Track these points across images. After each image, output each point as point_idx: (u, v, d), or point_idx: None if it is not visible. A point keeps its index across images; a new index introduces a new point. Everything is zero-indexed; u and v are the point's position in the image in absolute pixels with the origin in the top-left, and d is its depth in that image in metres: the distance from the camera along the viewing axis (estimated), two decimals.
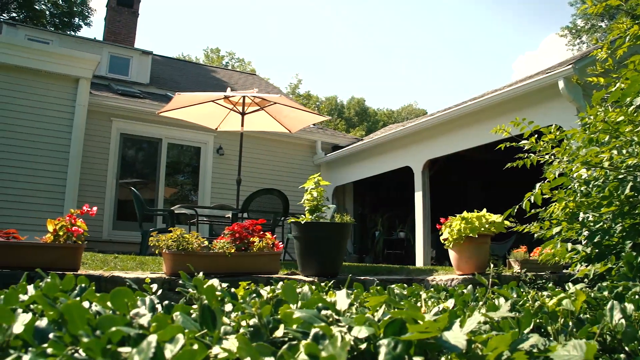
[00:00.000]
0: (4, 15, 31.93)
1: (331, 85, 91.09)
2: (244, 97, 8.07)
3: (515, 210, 3.36)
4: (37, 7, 33.04)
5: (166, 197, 12.40)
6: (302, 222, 4.68)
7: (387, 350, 0.97)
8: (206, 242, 4.53)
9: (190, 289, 1.49)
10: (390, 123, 45.34)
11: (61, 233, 4.24)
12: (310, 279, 4.50)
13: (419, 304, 1.59)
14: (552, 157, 3.22)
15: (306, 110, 8.91)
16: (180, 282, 4.08)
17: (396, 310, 1.25)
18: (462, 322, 1.22)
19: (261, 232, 4.70)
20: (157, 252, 4.48)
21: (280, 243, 4.85)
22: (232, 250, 4.39)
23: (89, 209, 4.42)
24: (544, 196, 3.13)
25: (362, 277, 4.72)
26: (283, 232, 8.93)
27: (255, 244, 4.54)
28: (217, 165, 12.70)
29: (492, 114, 8.89)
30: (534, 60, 78.83)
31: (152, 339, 0.76)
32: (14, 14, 32.55)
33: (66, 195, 9.66)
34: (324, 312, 1.22)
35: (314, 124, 12.87)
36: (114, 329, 0.82)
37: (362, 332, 1.03)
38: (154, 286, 1.82)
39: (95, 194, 10.93)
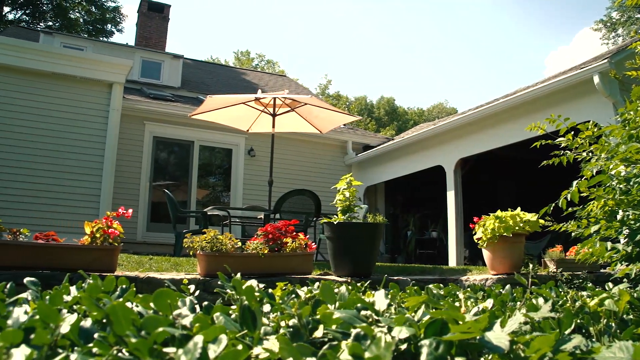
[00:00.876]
0: (40, 24, 32.85)
1: (360, 85, 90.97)
2: (274, 98, 8.11)
3: (552, 209, 3.31)
4: (71, 16, 33.89)
5: (198, 199, 12.53)
6: (335, 223, 4.68)
7: (429, 350, 0.96)
8: (239, 243, 4.56)
9: (228, 290, 1.50)
10: (420, 122, 45.10)
11: (98, 235, 4.32)
12: (344, 279, 4.50)
13: (457, 304, 1.57)
14: (590, 154, 3.15)
15: (337, 111, 8.91)
16: (214, 283, 4.12)
17: (436, 310, 1.24)
18: (502, 323, 1.21)
19: (294, 233, 4.72)
20: (191, 254, 4.53)
21: (313, 244, 4.86)
22: (266, 251, 4.41)
23: (125, 212, 4.49)
24: (581, 194, 3.07)
25: (396, 277, 4.70)
26: (315, 232, 8.95)
27: (288, 244, 4.55)
28: (248, 167, 12.79)
29: (525, 111, 8.76)
30: (567, 56, 77.47)
31: (199, 339, 0.76)
32: (50, 23, 33.46)
33: (101, 198, 9.84)
34: (363, 312, 1.22)
35: (344, 124, 12.86)
36: (160, 329, 0.83)
37: (402, 332, 1.02)
38: (192, 287, 1.84)
39: (129, 197, 11.10)
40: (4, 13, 32.26)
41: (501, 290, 2.22)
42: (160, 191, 11.60)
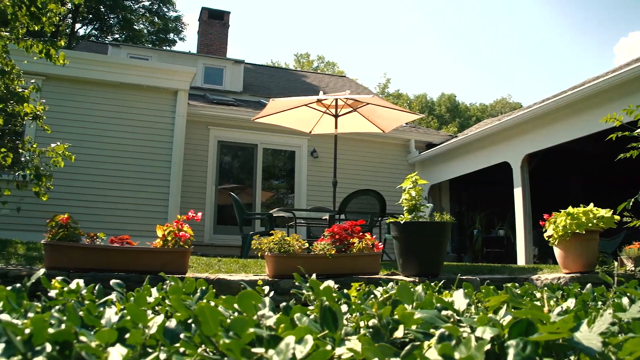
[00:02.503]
0: (108, 37, 34.31)
1: (420, 83, 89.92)
2: (336, 99, 8.12)
3: (631, 204, 3.18)
4: (136, 27, 35.17)
5: (263, 201, 12.70)
6: (402, 222, 4.64)
7: (515, 351, 0.94)
8: (306, 244, 4.60)
9: (304, 290, 1.51)
10: (484, 118, 44.14)
11: (169, 238, 4.44)
12: (411, 279, 4.46)
13: (537, 304, 1.53)
14: None
15: (398, 109, 8.85)
16: (283, 283, 4.17)
17: (517, 310, 1.21)
18: (588, 323, 1.16)
19: (360, 233, 4.71)
20: (259, 255, 4.59)
21: (380, 244, 4.84)
22: (333, 252, 4.42)
23: (194, 215, 4.60)
24: None
25: (464, 277, 4.62)
26: (380, 232, 8.91)
27: (355, 245, 4.55)
28: (311, 168, 12.86)
29: (594, 103, 8.42)
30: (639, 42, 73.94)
31: (290, 340, 0.77)
32: (117, 35, 34.87)
33: (170, 202, 10.13)
34: (443, 312, 1.20)
35: (406, 123, 12.75)
36: (251, 330, 0.84)
37: (486, 332, 1.00)
38: (266, 288, 1.86)
39: (196, 200, 11.37)
40: (75, 30, 33.88)
41: (580, 289, 2.14)
42: (225, 194, 11.84)
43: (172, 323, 1.04)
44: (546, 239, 5.17)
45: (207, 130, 12.10)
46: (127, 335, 0.92)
